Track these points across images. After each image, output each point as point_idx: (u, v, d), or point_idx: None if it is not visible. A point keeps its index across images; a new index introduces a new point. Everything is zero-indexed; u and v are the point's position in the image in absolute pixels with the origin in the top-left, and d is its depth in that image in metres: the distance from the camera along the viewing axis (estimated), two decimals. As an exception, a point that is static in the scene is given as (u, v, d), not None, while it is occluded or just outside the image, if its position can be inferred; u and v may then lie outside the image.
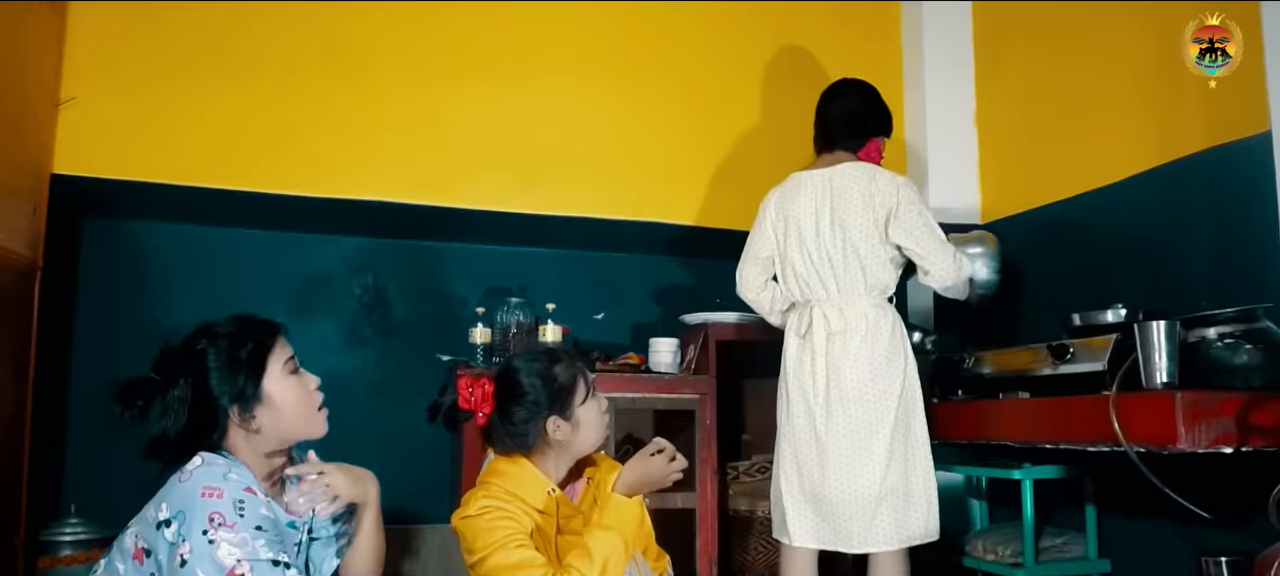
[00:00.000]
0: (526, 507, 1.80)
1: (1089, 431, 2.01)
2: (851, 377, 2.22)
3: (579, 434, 1.85)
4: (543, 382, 1.83)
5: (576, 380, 1.85)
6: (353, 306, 3.09)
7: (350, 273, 3.10)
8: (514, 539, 1.72)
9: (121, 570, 1.49)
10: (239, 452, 1.53)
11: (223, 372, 1.51)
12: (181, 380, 1.51)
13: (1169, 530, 2.39)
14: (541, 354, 1.91)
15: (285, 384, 1.55)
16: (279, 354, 1.57)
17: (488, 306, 2.91)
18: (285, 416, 1.54)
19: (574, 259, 3.31)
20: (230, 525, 1.40)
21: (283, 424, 1.54)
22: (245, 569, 1.40)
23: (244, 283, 2.98)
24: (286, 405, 1.54)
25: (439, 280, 3.18)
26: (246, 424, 1.51)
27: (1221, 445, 1.81)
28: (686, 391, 2.80)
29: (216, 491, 1.42)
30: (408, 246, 3.17)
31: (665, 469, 1.85)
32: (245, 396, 1.51)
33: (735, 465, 2.96)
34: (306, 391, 1.58)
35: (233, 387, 1.51)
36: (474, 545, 1.74)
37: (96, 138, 2.56)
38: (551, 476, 1.85)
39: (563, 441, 1.84)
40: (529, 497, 1.81)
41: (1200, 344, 1.96)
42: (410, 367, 3.07)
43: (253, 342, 1.55)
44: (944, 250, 2.28)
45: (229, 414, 1.51)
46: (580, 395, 1.85)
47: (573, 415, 1.83)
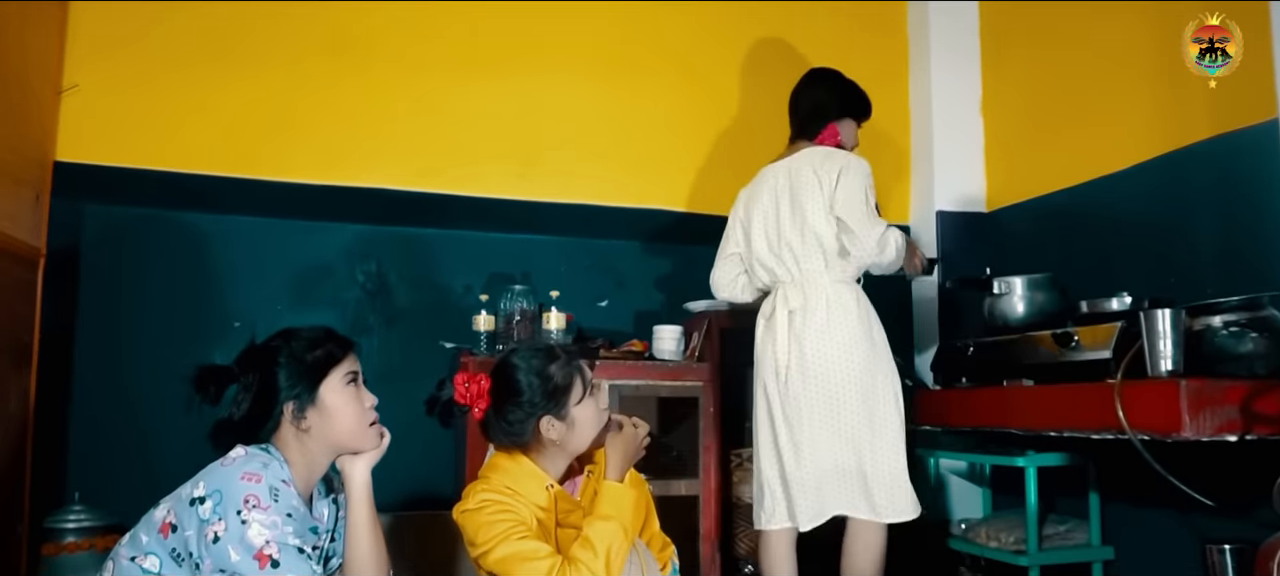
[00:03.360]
0: (526, 502, 1.79)
1: (1093, 419, 2.01)
2: (813, 353, 2.24)
3: (574, 433, 1.83)
4: (538, 381, 1.80)
5: (572, 380, 1.82)
6: (356, 294, 3.09)
7: (353, 260, 3.10)
8: (516, 531, 1.71)
9: (145, 541, 1.54)
10: (287, 450, 1.61)
11: (288, 371, 1.61)
12: (252, 373, 1.61)
13: (1172, 518, 2.39)
14: (538, 351, 1.87)
15: (342, 395, 1.63)
16: (343, 366, 1.65)
17: (491, 294, 2.90)
18: (335, 424, 1.63)
19: (577, 246, 3.30)
20: (264, 508, 1.48)
21: (332, 431, 1.63)
22: (273, 550, 1.47)
23: (247, 270, 2.98)
24: (338, 414, 1.63)
25: (442, 268, 3.18)
26: (298, 423, 1.60)
27: (1226, 433, 1.81)
28: (690, 378, 2.80)
29: (255, 476, 1.51)
30: (410, 234, 3.16)
31: (638, 438, 1.86)
32: (302, 397, 1.60)
33: (738, 452, 2.96)
34: (360, 406, 1.66)
35: (292, 387, 1.60)
36: (476, 538, 1.74)
37: (99, 125, 2.56)
38: (550, 472, 1.84)
39: (557, 440, 1.82)
40: (528, 493, 1.80)
41: (1205, 332, 1.96)
42: (414, 355, 3.07)
43: (322, 351, 1.64)
44: (872, 225, 2.27)
45: (284, 410, 1.60)
46: (576, 395, 1.82)
47: (567, 415, 1.81)
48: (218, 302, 2.94)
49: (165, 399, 2.69)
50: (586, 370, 1.85)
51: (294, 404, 1.60)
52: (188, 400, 1.58)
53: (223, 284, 2.95)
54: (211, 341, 2.74)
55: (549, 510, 1.82)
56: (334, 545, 1.73)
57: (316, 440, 1.62)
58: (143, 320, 2.88)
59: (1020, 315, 2.52)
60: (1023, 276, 2.54)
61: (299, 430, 1.61)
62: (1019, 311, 2.53)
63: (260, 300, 2.94)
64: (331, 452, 1.66)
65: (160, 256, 2.92)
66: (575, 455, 1.86)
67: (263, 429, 1.61)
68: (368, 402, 1.68)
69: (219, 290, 2.95)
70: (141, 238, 2.91)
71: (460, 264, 3.17)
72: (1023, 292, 2.54)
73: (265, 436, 1.62)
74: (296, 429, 1.61)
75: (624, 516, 1.75)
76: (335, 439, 1.64)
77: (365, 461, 1.69)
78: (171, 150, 2.60)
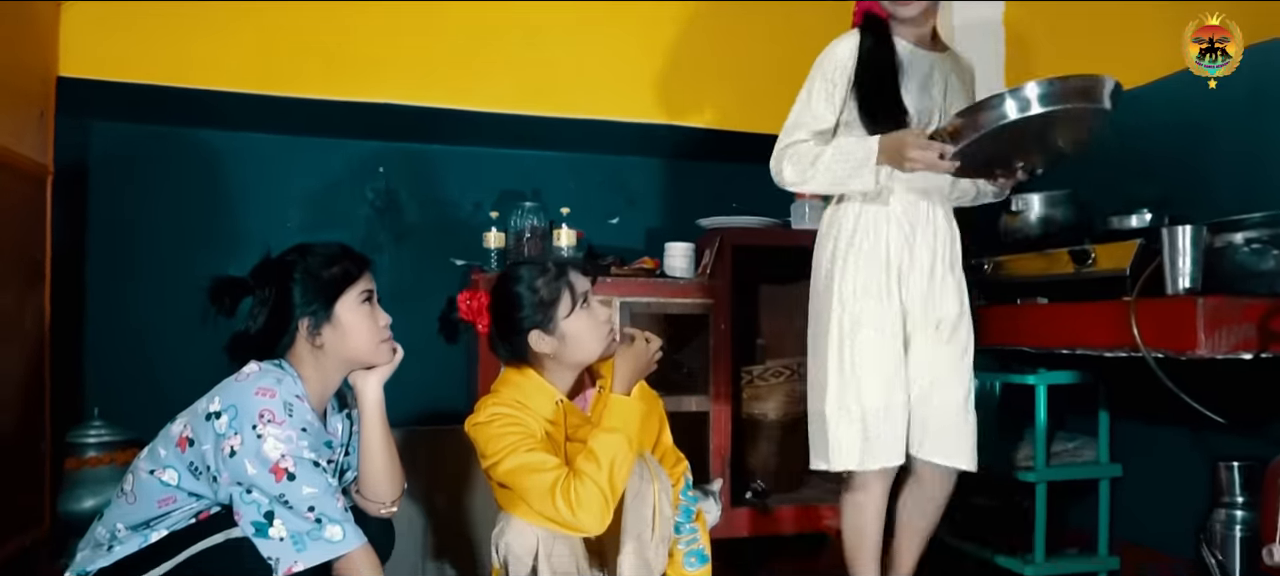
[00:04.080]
0: (535, 416, 1.82)
1: (1107, 337, 1.99)
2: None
3: (567, 347, 1.84)
4: (525, 296, 1.82)
5: (560, 294, 1.82)
6: (366, 211, 3.08)
7: (362, 177, 3.08)
8: (525, 443, 1.74)
9: (163, 454, 1.57)
10: (301, 366, 1.63)
11: (303, 287, 1.62)
12: (268, 287, 1.63)
13: (1182, 435, 2.39)
14: (529, 265, 1.88)
15: (357, 313, 1.65)
16: (359, 284, 1.66)
17: (501, 211, 2.89)
18: (349, 341, 1.64)
19: (589, 163, 3.27)
20: (278, 422, 1.51)
21: (346, 347, 1.65)
22: (289, 464, 1.50)
23: (256, 188, 2.97)
24: (352, 331, 1.64)
25: (452, 185, 3.15)
26: (313, 339, 1.62)
27: (1241, 351, 1.79)
28: (701, 296, 2.79)
29: (269, 392, 1.53)
30: (420, 150, 3.13)
31: (649, 352, 1.84)
32: (317, 313, 1.62)
33: (749, 369, 2.97)
34: (375, 324, 1.68)
35: (308, 303, 1.62)
36: (486, 450, 1.77)
37: (102, 39, 2.51)
38: (557, 386, 1.86)
39: (551, 354, 1.83)
40: (537, 407, 1.83)
41: (1226, 249, 1.93)
42: (425, 273, 3.08)
43: (338, 267, 1.65)
44: (781, 136, 2.08)
45: (299, 326, 1.62)
46: (564, 309, 1.82)
47: (556, 329, 1.82)
48: (228, 220, 2.93)
49: (179, 314, 2.71)
50: (577, 283, 1.83)
51: (309, 320, 1.62)
52: (203, 312, 1.60)
53: (233, 201, 2.94)
54: (223, 258, 2.73)
55: (558, 424, 1.84)
56: (348, 459, 1.75)
57: (331, 356, 1.64)
58: (154, 237, 2.88)
59: (1037, 233, 2.49)
60: (1040, 193, 2.50)
61: (314, 346, 1.63)
62: (1036, 229, 2.50)
63: (271, 218, 2.94)
64: (345, 368, 1.68)
65: (169, 174, 2.90)
66: (577, 369, 1.87)
67: (278, 344, 1.63)
68: (382, 321, 1.69)
69: (229, 207, 2.94)
70: (150, 155, 2.90)
71: (470, 181, 3.15)
72: (1040, 210, 2.50)
73: (280, 352, 1.64)
74: (311, 345, 1.63)
75: (629, 429, 1.76)
76: (349, 355, 1.66)
77: (377, 377, 1.70)
78: (176, 65, 2.56)
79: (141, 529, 1.56)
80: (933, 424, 2.06)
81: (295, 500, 1.50)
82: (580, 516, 1.67)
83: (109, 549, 1.56)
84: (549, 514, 1.69)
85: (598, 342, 1.85)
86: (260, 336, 1.63)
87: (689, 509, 1.98)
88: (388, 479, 1.74)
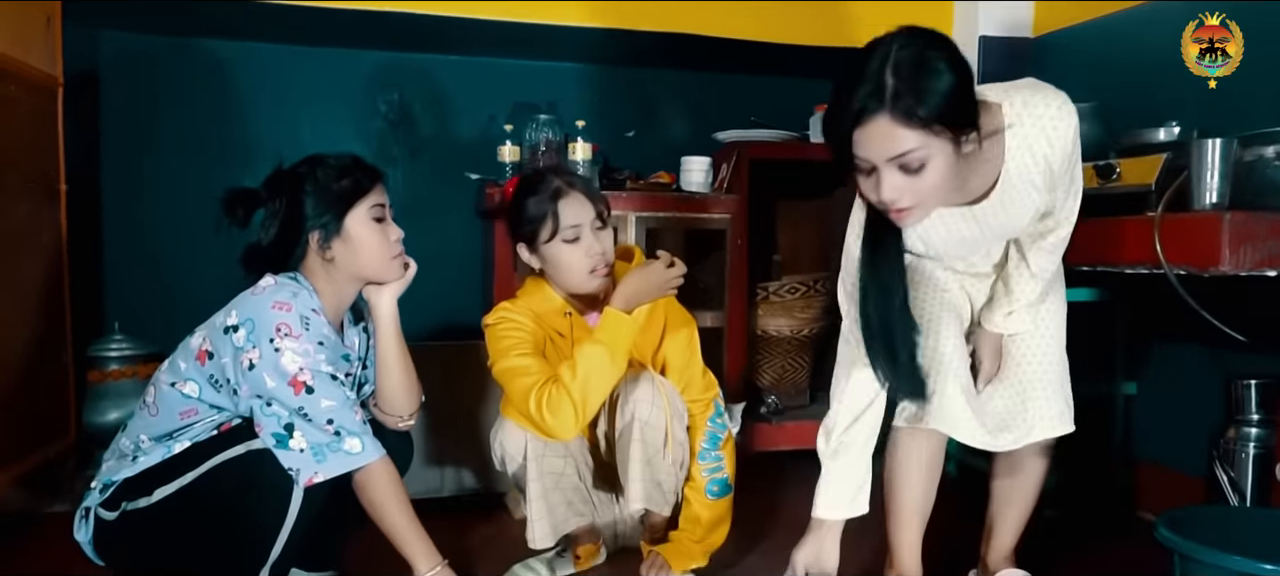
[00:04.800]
0: (546, 325, 1.86)
1: (1129, 254, 1.96)
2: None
3: (550, 270, 1.85)
4: (515, 210, 1.86)
5: (543, 218, 1.81)
6: (378, 124, 3.05)
7: (375, 89, 3.04)
8: (517, 348, 1.78)
9: (183, 367, 1.60)
10: (314, 279, 1.63)
11: (315, 198, 1.61)
12: (280, 198, 1.62)
13: (1197, 353, 2.38)
14: (528, 178, 1.89)
15: (367, 227, 1.63)
16: (370, 198, 1.64)
17: (516, 124, 2.85)
18: (360, 255, 1.63)
19: (605, 74, 3.21)
20: (295, 336, 1.52)
21: (355, 261, 1.64)
22: (307, 376, 1.51)
23: (268, 100, 2.94)
24: (362, 245, 1.63)
25: (466, 97, 3.11)
26: (323, 252, 1.62)
27: (1266, 268, 1.76)
28: (717, 211, 2.77)
29: (285, 305, 1.54)
30: (433, 61, 3.08)
31: (664, 276, 1.81)
32: (327, 226, 1.61)
33: (764, 285, 2.97)
34: (386, 239, 1.66)
35: (319, 216, 1.60)
36: (490, 350, 1.83)
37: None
38: (564, 300, 1.86)
39: (541, 269, 1.87)
40: (546, 316, 1.86)
41: (1256, 163, 1.88)
42: (439, 187, 3.06)
43: (350, 180, 1.63)
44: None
45: (310, 239, 1.61)
46: (544, 234, 1.81)
47: (539, 250, 1.84)
48: (241, 132, 2.92)
49: (195, 227, 2.68)
50: (563, 212, 1.80)
51: (320, 233, 1.61)
52: (217, 222, 1.59)
53: (245, 114, 2.92)
54: (238, 170, 2.72)
55: (567, 336, 1.86)
56: (366, 372, 1.77)
57: (341, 270, 1.64)
58: (168, 151, 2.88)
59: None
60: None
61: (324, 259, 1.63)
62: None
63: (284, 130, 2.92)
64: (356, 283, 1.68)
65: (182, 86, 2.88)
66: (572, 289, 1.87)
67: (290, 256, 1.63)
68: (393, 235, 1.68)
69: (242, 120, 2.92)
70: (161, 66, 2.87)
71: (485, 93, 3.10)
72: (1064, 123, 2.44)
73: (293, 265, 1.64)
74: (322, 258, 1.62)
75: (616, 344, 1.73)
76: (359, 270, 1.65)
77: (390, 292, 1.70)
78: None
79: (165, 440, 1.59)
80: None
81: (314, 413, 1.52)
82: (550, 422, 1.70)
83: (133, 459, 1.59)
84: (528, 416, 1.73)
85: (578, 275, 1.83)
86: (272, 248, 1.63)
87: (716, 435, 1.98)
88: (404, 393, 1.75)
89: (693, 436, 1.95)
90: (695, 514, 1.94)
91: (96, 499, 1.61)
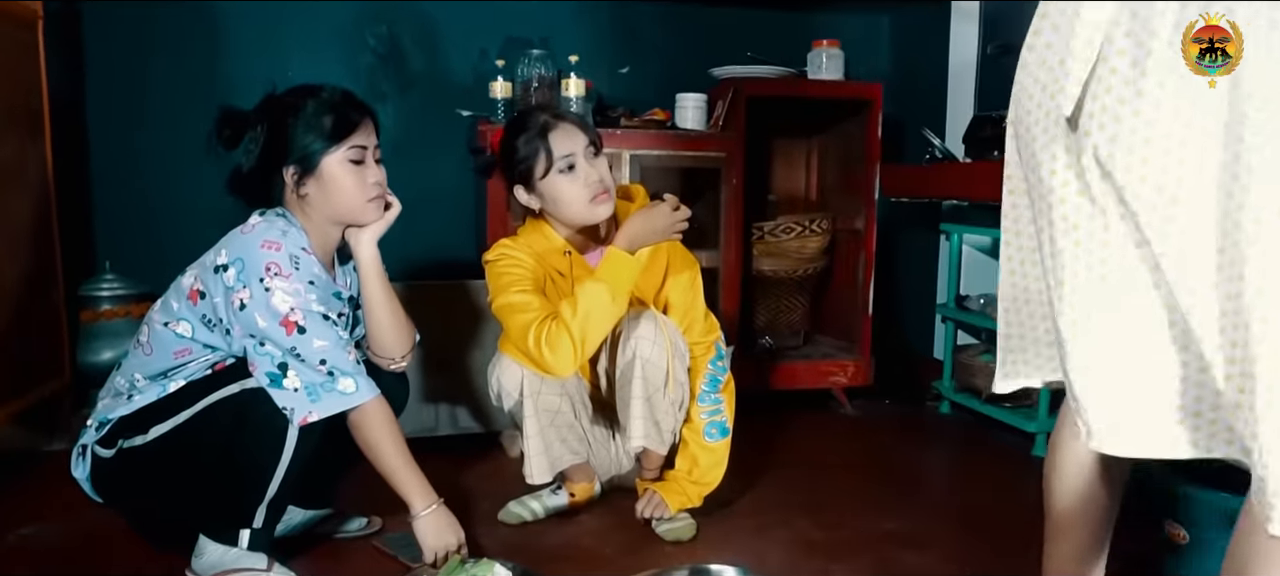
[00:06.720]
0: (546, 264, 1.85)
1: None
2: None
3: (549, 205, 1.83)
4: (506, 152, 1.83)
5: (536, 154, 1.79)
6: (368, 60, 2.99)
7: (364, 22, 2.98)
8: (517, 284, 1.78)
9: (176, 307, 1.59)
10: (298, 217, 1.61)
11: (294, 131, 1.57)
12: (264, 124, 1.58)
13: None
14: (521, 118, 1.87)
15: (343, 168, 1.59)
16: (351, 139, 1.59)
17: (508, 59, 2.80)
18: (332, 197, 1.60)
19: (598, 9, 3.15)
20: (285, 275, 1.51)
21: (329, 203, 1.61)
22: (298, 316, 1.50)
23: (256, 29, 2.87)
24: (335, 186, 1.59)
25: (456, 32, 3.05)
26: (297, 190, 1.59)
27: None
28: (713, 148, 2.74)
29: (275, 244, 1.52)
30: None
31: (669, 219, 1.77)
32: (304, 163, 1.57)
33: (760, 225, 2.95)
34: (362, 181, 1.62)
35: (295, 149, 1.57)
36: (490, 285, 1.83)
37: None
38: (564, 238, 1.85)
39: (539, 208, 1.85)
40: (546, 255, 1.86)
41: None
42: (430, 124, 3.02)
43: (335, 117, 1.58)
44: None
45: (284, 173, 1.58)
46: (538, 170, 1.79)
47: (535, 188, 1.82)
48: (227, 62, 2.86)
49: (182, 162, 2.69)
50: (556, 144, 1.78)
51: (295, 170, 1.58)
52: (207, 141, 1.56)
53: (231, 43, 2.86)
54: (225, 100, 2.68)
55: (567, 275, 1.85)
56: (359, 313, 1.75)
57: (316, 209, 1.61)
58: (153, 85, 2.82)
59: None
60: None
61: (298, 197, 1.60)
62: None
63: (272, 61, 2.86)
64: (333, 223, 1.65)
65: (166, 17, 2.81)
66: (573, 225, 1.85)
67: (270, 188, 1.60)
68: (371, 177, 1.63)
69: (227, 50, 2.86)
70: None
71: (476, 28, 3.04)
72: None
73: (276, 199, 1.61)
74: (296, 196, 1.60)
75: (617, 283, 1.73)
76: (332, 211, 1.62)
77: (370, 234, 1.68)
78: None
79: (159, 379, 1.59)
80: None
81: (307, 353, 1.51)
82: (549, 358, 1.70)
83: (129, 398, 1.59)
84: (526, 352, 1.73)
85: (579, 205, 1.80)
86: (253, 175, 1.59)
87: (716, 378, 1.97)
88: (394, 334, 1.74)
89: (693, 378, 1.95)
90: (693, 455, 1.95)
91: (93, 437, 1.61)
